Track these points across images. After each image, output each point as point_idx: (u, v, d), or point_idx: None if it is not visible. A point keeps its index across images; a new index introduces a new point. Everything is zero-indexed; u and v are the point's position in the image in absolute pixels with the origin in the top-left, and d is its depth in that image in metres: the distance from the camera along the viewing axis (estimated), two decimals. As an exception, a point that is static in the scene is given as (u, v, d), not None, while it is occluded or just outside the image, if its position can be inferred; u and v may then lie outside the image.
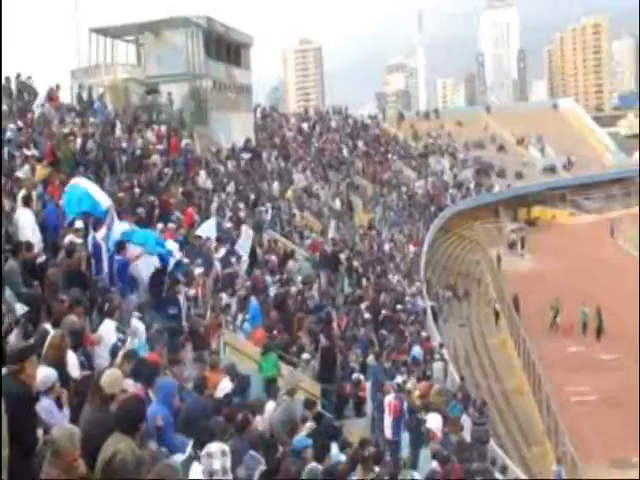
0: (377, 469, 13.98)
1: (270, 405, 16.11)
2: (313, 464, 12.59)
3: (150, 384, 11.75)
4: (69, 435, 7.92)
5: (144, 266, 20.53)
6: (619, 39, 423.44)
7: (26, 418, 8.65)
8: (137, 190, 30.41)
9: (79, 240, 18.41)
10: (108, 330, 15.09)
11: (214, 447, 9.29)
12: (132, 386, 11.02)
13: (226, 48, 60.41)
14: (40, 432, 9.08)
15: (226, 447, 9.47)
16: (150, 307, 20.06)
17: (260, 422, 14.13)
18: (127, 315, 17.24)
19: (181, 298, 21.03)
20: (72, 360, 11.66)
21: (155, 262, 20.69)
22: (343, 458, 14.41)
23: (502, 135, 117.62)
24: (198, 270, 23.95)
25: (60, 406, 10.06)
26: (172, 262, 21.31)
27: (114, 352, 13.82)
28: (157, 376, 12.21)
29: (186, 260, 23.53)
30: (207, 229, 29.28)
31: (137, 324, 16.83)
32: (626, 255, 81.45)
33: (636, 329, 51.99)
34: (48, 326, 12.94)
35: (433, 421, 20.75)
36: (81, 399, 10.18)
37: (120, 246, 19.77)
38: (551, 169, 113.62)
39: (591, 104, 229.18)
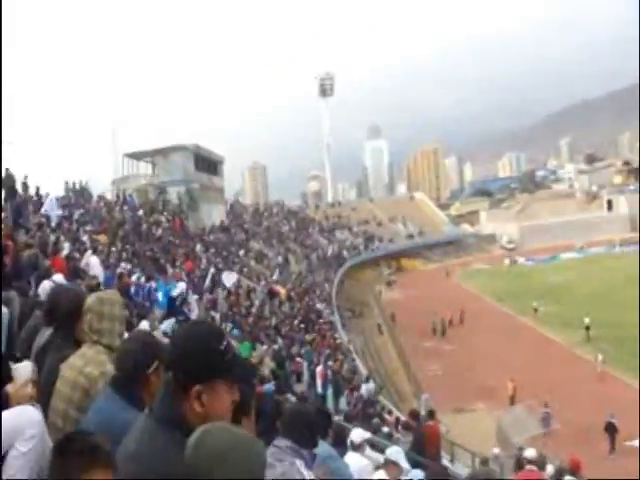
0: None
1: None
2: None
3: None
4: None
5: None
6: (448, 157, 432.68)
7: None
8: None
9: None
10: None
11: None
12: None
13: (207, 164, 60.69)
14: None
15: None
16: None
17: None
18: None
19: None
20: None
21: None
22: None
23: (380, 216, 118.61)
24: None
25: None
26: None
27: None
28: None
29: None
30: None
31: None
32: (457, 286, 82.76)
33: (464, 330, 53.46)
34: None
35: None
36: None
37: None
38: (410, 236, 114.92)
39: (433, 196, 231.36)
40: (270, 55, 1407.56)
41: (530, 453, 10.24)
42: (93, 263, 18.34)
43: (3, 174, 24.50)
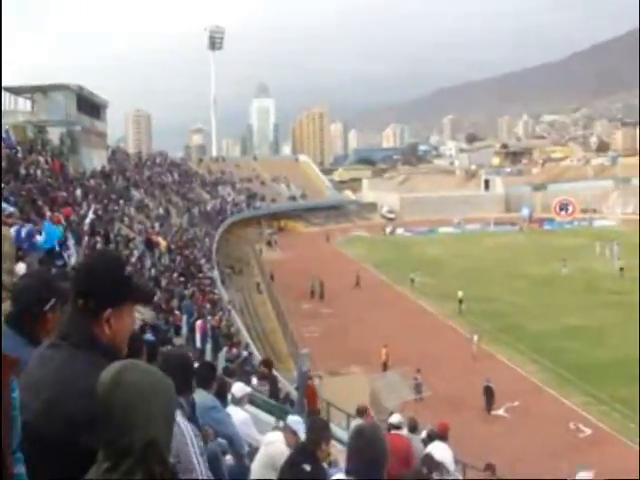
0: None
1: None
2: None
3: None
4: None
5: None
6: (335, 123, 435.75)
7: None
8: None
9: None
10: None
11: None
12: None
13: (90, 106, 58.49)
14: None
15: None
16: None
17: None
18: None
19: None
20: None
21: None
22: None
23: (263, 175, 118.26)
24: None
25: None
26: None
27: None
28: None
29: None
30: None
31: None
32: (337, 251, 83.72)
33: (344, 295, 54.14)
34: None
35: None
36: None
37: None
38: (293, 198, 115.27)
39: (317, 160, 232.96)
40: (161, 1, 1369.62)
41: (395, 418, 10.60)
42: None
43: None
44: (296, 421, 6.95)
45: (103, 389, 1.89)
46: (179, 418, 3.71)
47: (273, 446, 6.51)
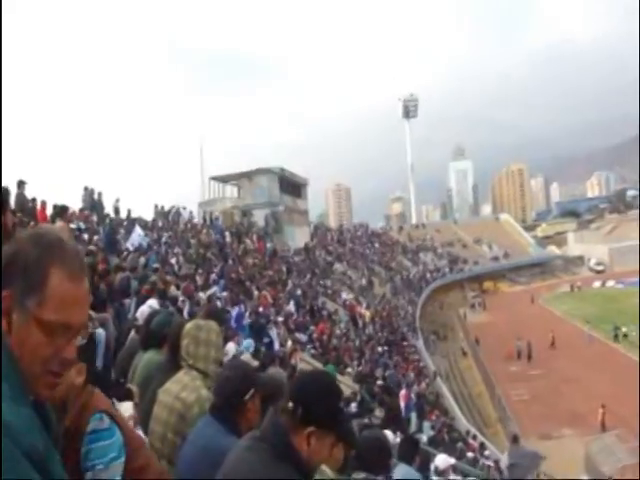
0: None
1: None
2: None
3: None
4: None
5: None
6: (535, 177, 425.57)
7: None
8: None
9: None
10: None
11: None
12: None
13: (292, 186, 61.49)
14: None
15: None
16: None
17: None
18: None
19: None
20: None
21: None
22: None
23: (464, 238, 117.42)
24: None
25: None
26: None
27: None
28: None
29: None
30: None
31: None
32: (543, 309, 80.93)
33: (551, 354, 52.12)
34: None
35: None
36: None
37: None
38: (495, 258, 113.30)
39: (519, 218, 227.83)
40: (354, 76, 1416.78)
41: None
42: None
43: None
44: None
45: None
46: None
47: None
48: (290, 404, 2.42)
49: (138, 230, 25.49)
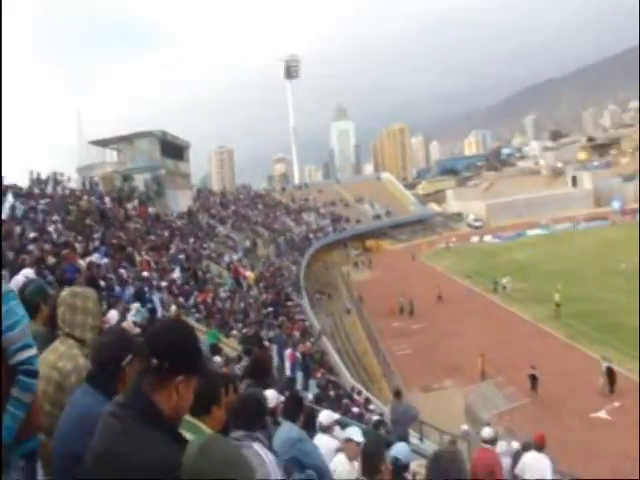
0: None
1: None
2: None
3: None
4: None
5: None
6: (415, 136, 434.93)
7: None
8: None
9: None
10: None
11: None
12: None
13: (173, 149, 60.38)
14: None
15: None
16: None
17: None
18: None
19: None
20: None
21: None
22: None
23: (347, 197, 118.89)
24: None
25: None
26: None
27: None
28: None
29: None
30: None
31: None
32: (425, 266, 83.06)
33: (432, 311, 53.66)
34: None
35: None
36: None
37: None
38: (377, 217, 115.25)
39: (400, 176, 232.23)
40: (237, 37, 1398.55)
41: (486, 433, 10.42)
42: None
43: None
44: (356, 432, 7.04)
45: (190, 460, 1.99)
46: (259, 450, 4.15)
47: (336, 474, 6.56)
48: (154, 361, 2.40)
49: (10, 199, 24.46)
